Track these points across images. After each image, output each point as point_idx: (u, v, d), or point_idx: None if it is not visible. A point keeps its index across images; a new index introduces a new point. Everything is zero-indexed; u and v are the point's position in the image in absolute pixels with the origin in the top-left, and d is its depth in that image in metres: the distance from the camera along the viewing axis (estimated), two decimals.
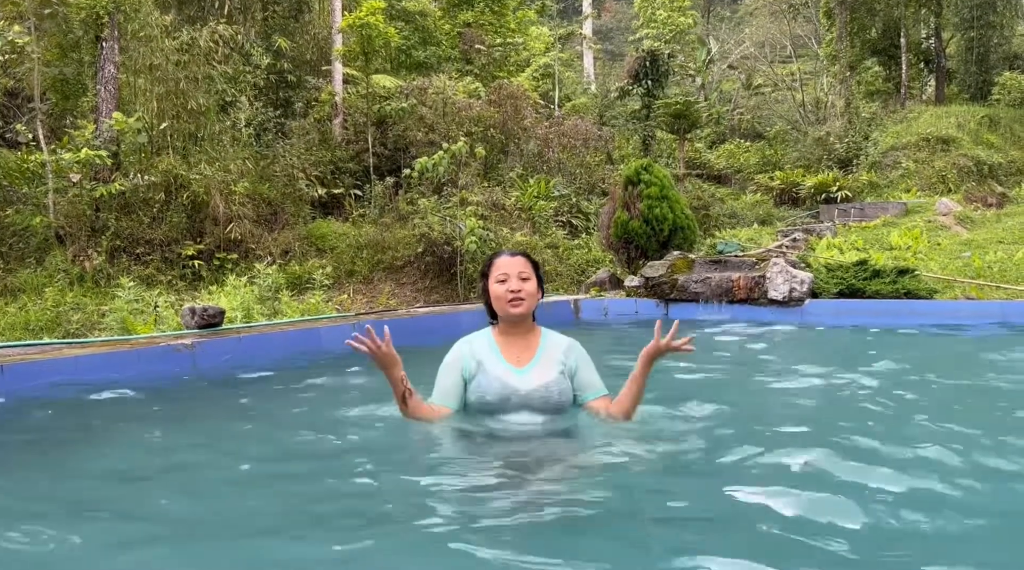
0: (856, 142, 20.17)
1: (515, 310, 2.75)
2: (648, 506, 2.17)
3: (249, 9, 14.75)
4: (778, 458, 2.45)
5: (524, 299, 2.75)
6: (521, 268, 2.78)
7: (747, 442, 2.66)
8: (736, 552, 1.70)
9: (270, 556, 1.82)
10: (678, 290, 7.50)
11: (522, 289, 2.74)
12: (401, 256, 11.62)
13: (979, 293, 7.18)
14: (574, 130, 15.80)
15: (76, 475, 2.68)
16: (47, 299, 8.84)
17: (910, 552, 1.76)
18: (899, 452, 2.53)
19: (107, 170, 11.13)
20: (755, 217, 16.39)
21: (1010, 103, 22.73)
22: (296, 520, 2.09)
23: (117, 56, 11.76)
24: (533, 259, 2.89)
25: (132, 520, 2.12)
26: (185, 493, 2.37)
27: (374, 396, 3.40)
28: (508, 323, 2.84)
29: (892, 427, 3.00)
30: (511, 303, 2.74)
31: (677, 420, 3.10)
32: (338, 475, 2.50)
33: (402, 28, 17.88)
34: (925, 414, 3.23)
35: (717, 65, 29.05)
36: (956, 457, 2.43)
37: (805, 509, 1.96)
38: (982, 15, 24.02)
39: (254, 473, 2.62)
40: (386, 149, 14.53)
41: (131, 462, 2.82)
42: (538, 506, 2.09)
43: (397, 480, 2.41)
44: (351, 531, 1.97)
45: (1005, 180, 18.71)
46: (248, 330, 5.60)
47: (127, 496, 2.38)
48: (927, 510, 1.95)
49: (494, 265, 2.83)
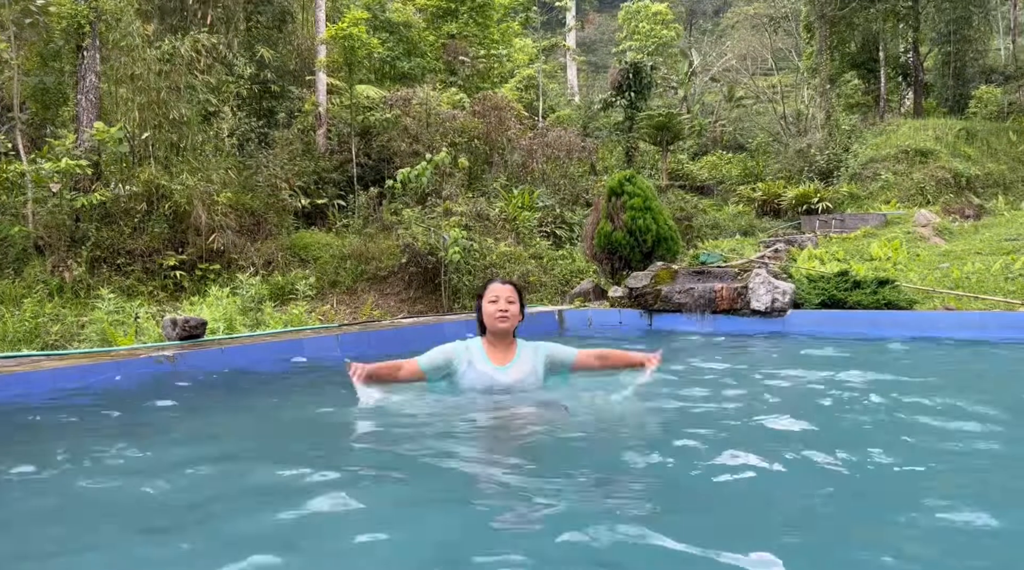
0: (836, 154, 20.41)
1: (501, 325, 3.57)
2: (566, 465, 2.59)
3: (232, 19, 14.71)
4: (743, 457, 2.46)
5: (508, 317, 3.58)
6: (509, 294, 3.61)
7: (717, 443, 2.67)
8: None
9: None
10: (661, 300, 7.52)
11: (508, 310, 3.57)
12: (385, 266, 11.59)
13: (958, 304, 7.26)
14: (558, 141, 15.88)
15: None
16: (25, 310, 8.73)
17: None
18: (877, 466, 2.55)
19: (88, 180, 11.04)
20: (737, 228, 16.51)
21: (986, 116, 23.11)
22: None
23: (98, 65, 11.69)
24: (520, 288, 3.72)
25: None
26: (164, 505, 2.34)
27: (356, 404, 3.44)
28: (494, 335, 3.64)
29: (876, 435, 3.02)
30: (498, 319, 3.56)
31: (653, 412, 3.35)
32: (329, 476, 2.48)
33: (386, 39, 17.91)
34: (902, 422, 3.26)
35: (699, 77, 29.35)
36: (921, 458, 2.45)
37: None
38: (958, 30, 24.46)
39: (229, 488, 2.60)
40: (370, 159, 14.52)
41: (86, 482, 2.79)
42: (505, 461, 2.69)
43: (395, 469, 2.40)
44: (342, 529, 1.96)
45: (982, 192, 18.99)
46: (230, 341, 5.55)
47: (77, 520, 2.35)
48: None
49: (489, 289, 3.64)
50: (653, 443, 2.95)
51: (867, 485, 2.36)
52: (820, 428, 3.23)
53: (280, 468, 2.64)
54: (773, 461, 2.51)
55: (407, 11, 18.94)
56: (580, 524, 1.90)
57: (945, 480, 2.42)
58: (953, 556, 1.82)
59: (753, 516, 2.09)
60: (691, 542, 1.80)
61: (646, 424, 3.28)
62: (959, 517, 2.01)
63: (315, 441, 3.25)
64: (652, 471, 2.54)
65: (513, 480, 2.42)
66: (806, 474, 2.44)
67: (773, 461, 2.51)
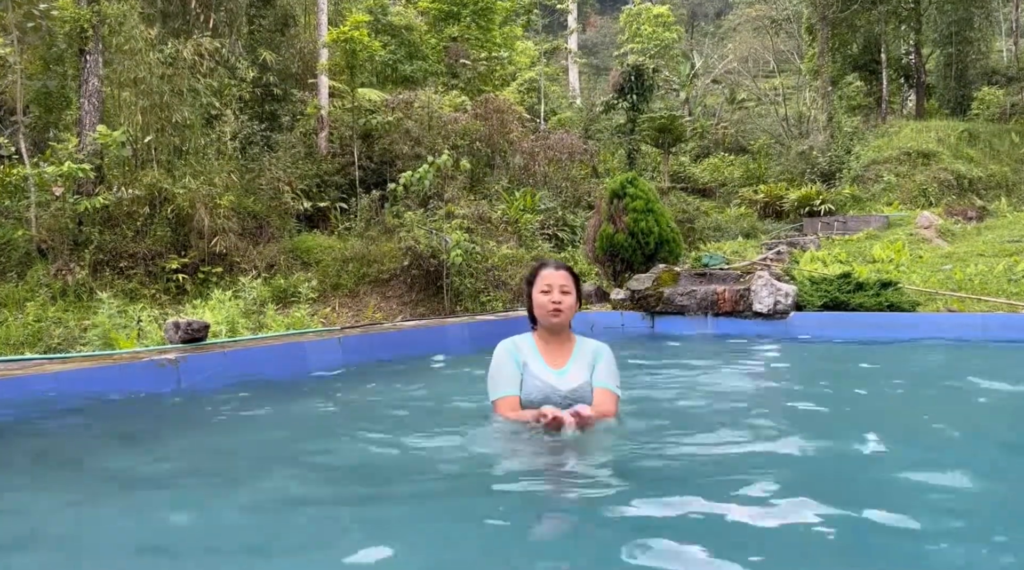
0: (838, 156, 20.39)
1: (555, 320, 3.05)
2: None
3: (234, 22, 14.73)
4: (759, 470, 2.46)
5: (563, 310, 3.04)
6: (563, 281, 3.07)
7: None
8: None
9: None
10: (664, 303, 7.52)
11: (563, 301, 3.04)
12: (387, 269, 11.59)
13: (960, 305, 7.25)
14: (560, 144, 15.88)
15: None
16: (28, 314, 8.73)
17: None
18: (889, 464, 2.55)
19: (90, 183, 11.05)
20: (739, 230, 16.50)
21: (989, 118, 23.08)
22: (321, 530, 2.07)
23: (101, 69, 11.71)
24: (575, 273, 3.16)
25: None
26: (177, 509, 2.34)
27: (360, 410, 3.40)
28: (547, 330, 3.12)
29: (882, 438, 3.02)
30: (552, 313, 3.03)
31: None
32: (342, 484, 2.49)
33: (388, 42, 17.93)
34: (905, 421, 3.26)
35: (701, 79, 29.34)
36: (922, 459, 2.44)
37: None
38: (960, 31, 24.43)
39: (231, 494, 2.60)
40: (372, 162, 14.53)
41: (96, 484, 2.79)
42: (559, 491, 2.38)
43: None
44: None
45: (984, 193, 18.96)
46: (233, 344, 5.56)
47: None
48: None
49: (540, 276, 3.09)
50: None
51: (868, 486, 2.35)
52: (820, 428, 3.23)
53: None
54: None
55: (409, 14, 18.96)
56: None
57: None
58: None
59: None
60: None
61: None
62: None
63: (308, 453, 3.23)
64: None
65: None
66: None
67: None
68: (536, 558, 1.86)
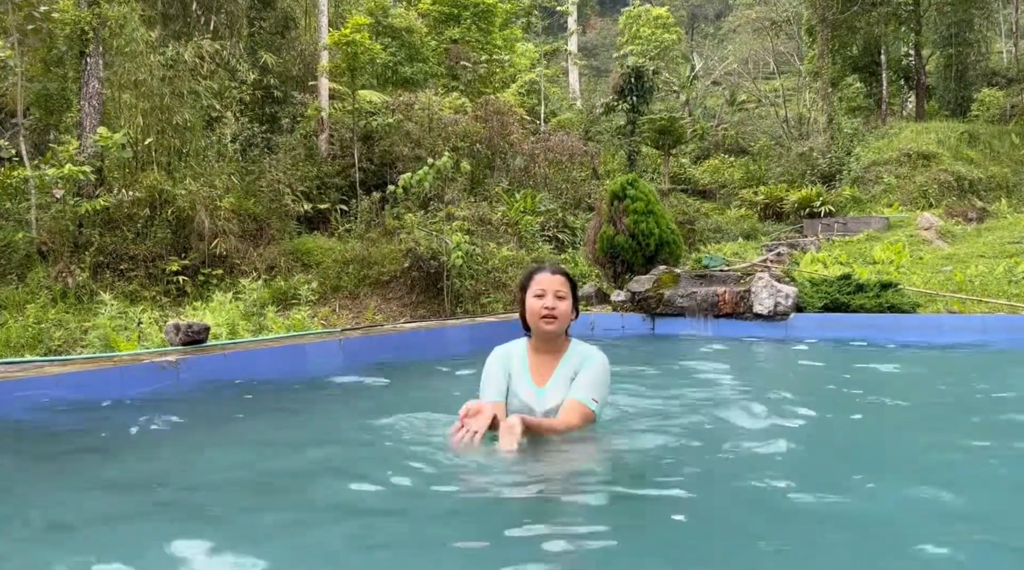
0: (839, 157, 20.39)
1: (547, 327, 2.90)
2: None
3: (235, 25, 14.75)
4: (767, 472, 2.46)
5: (556, 317, 2.89)
6: (558, 287, 2.92)
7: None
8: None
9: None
10: (664, 305, 7.52)
11: (556, 307, 2.89)
12: (387, 271, 11.59)
13: (961, 307, 7.25)
14: (560, 145, 15.88)
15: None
16: (29, 316, 8.73)
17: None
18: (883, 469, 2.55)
19: (91, 186, 11.05)
20: (740, 232, 16.50)
21: (989, 119, 23.08)
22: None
23: (102, 71, 11.72)
24: (572, 278, 3.01)
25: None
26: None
27: (363, 411, 3.40)
28: (539, 338, 2.98)
29: (881, 441, 3.02)
30: (544, 319, 2.89)
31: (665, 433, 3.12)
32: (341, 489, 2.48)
33: (389, 44, 17.94)
34: (906, 426, 3.25)
35: (701, 81, 29.34)
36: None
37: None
38: (960, 33, 24.45)
39: (237, 494, 2.60)
40: (372, 164, 14.54)
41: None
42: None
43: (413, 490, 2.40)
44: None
45: (985, 195, 18.95)
46: (233, 346, 5.56)
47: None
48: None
49: (534, 280, 2.95)
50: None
51: (865, 487, 2.35)
52: (818, 428, 3.23)
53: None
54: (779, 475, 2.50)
55: (409, 17, 18.98)
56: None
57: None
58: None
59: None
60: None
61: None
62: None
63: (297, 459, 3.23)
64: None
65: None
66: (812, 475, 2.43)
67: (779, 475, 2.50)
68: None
